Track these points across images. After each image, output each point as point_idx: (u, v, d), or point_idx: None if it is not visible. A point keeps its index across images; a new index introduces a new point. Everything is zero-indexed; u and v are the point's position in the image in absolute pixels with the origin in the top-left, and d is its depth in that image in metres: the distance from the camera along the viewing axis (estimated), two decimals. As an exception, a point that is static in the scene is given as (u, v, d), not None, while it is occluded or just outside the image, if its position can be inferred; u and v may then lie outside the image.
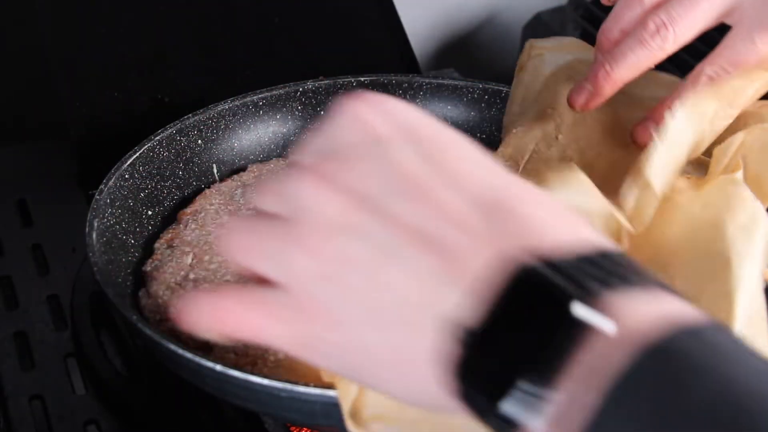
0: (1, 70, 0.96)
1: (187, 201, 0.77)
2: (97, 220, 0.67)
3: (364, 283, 0.35)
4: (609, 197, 0.50)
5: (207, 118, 0.80)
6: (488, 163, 0.38)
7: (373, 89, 0.84)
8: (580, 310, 0.32)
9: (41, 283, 0.80)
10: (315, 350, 0.38)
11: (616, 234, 0.50)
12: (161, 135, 0.76)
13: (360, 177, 0.37)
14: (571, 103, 0.65)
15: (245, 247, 0.39)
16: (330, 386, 0.57)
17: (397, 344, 0.35)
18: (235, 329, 0.39)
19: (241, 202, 0.75)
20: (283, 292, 0.37)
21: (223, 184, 0.79)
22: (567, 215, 0.36)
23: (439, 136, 0.38)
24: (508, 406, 0.33)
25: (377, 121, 0.38)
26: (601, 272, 0.33)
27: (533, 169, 0.69)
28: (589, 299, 0.32)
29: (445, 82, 0.85)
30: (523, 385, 0.32)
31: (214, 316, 0.39)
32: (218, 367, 0.56)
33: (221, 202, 0.76)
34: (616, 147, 0.67)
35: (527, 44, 0.75)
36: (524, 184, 0.37)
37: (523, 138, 0.71)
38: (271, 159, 0.82)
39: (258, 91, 0.82)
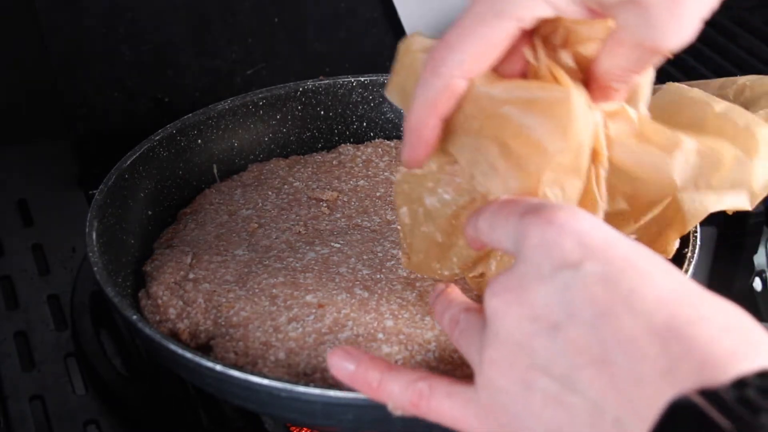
0: (1, 70, 0.96)
1: (187, 201, 0.77)
2: (97, 220, 0.67)
3: (543, 406, 0.40)
4: None
5: (207, 118, 0.80)
6: (664, 278, 0.40)
7: (373, 89, 0.84)
8: None
9: (41, 283, 0.80)
10: None
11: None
12: (161, 135, 0.76)
13: (545, 302, 0.40)
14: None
15: (455, 335, 0.48)
16: (330, 386, 0.57)
17: None
18: (437, 415, 0.48)
19: (241, 202, 0.76)
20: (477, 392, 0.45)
21: (223, 184, 0.79)
22: (734, 327, 0.38)
23: (620, 255, 0.41)
24: None
25: (567, 245, 0.41)
26: (759, 396, 0.34)
27: None
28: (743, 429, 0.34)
29: (445, 82, 0.85)
30: None
31: (415, 402, 0.49)
32: (218, 367, 0.56)
33: (221, 202, 0.76)
34: None
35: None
36: (697, 295, 0.39)
37: None
38: (271, 159, 0.82)
39: (258, 91, 0.82)
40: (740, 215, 0.63)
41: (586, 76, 0.53)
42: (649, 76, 0.56)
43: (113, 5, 0.89)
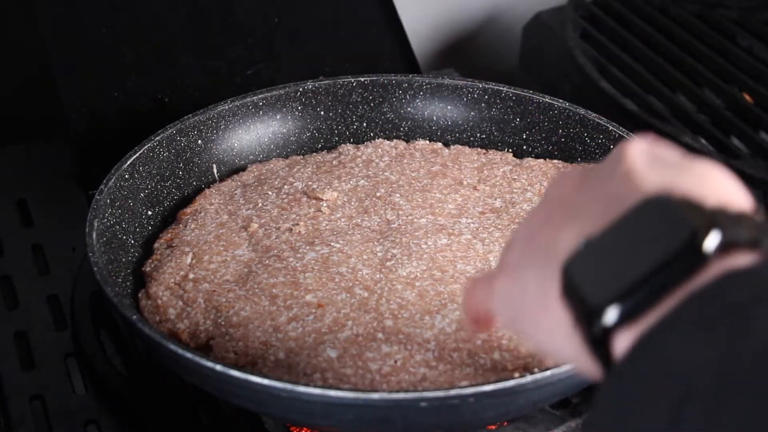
0: (1, 70, 0.96)
1: (187, 201, 0.77)
2: (97, 220, 0.67)
3: (536, 230, 0.42)
4: None
5: (207, 118, 0.80)
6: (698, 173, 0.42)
7: (373, 89, 0.84)
8: (709, 241, 0.35)
9: (41, 283, 0.80)
10: (500, 299, 0.45)
11: None
12: (161, 135, 0.76)
13: (597, 175, 0.43)
14: None
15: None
16: (330, 386, 0.57)
17: (543, 283, 0.41)
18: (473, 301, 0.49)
19: (241, 202, 0.76)
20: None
21: (223, 184, 0.79)
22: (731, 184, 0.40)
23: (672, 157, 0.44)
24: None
25: (635, 150, 0.44)
26: (734, 222, 0.36)
27: None
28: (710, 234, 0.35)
29: (445, 82, 0.85)
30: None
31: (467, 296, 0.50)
32: (218, 367, 0.56)
33: (221, 202, 0.76)
34: None
35: None
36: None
37: None
38: (271, 159, 0.82)
39: (258, 91, 0.82)
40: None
41: None
42: None
43: (113, 5, 0.89)
